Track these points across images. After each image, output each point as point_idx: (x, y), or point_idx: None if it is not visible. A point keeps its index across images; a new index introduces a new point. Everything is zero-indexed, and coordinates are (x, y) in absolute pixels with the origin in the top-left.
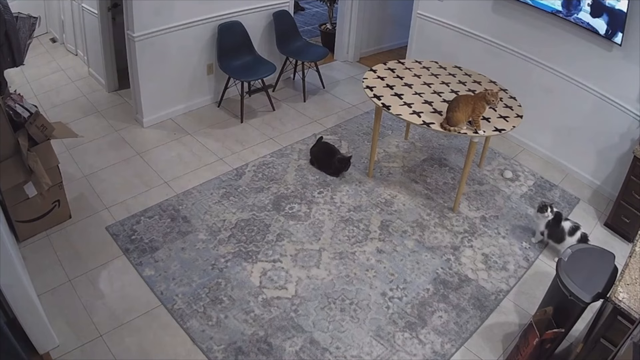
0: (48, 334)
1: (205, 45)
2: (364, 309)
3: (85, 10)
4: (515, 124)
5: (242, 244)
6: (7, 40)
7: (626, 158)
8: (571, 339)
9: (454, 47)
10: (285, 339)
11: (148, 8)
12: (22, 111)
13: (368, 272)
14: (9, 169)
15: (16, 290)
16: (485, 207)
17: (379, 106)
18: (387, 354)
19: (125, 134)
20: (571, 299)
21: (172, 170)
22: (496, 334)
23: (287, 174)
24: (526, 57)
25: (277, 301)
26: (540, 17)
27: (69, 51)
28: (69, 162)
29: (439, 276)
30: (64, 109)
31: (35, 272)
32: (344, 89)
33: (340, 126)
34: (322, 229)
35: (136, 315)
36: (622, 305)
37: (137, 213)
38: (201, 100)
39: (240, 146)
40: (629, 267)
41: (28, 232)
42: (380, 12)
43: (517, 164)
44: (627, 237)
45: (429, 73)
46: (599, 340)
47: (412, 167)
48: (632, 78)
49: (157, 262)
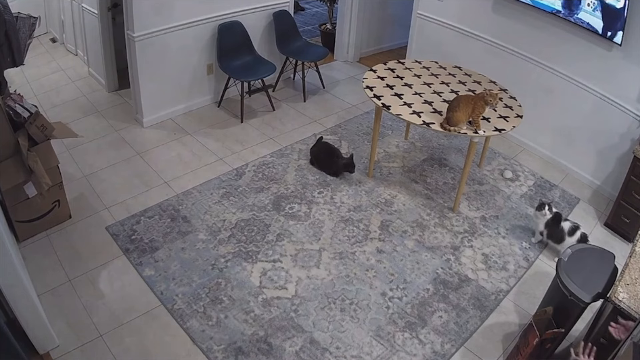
0: (48, 334)
1: (205, 45)
2: (364, 309)
3: (85, 10)
4: (515, 124)
5: (242, 244)
6: (7, 40)
7: (626, 158)
8: (571, 339)
9: (454, 47)
10: (285, 339)
11: (148, 8)
12: (22, 111)
13: (368, 272)
14: (9, 169)
15: (16, 290)
16: (485, 207)
17: (379, 106)
18: (387, 354)
19: (125, 134)
20: (571, 299)
21: (172, 170)
22: (496, 334)
23: (287, 174)
24: (526, 57)
25: (277, 301)
26: (540, 17)
27: (69, 51)
28: (69, 162)
29: (439, 276)
30: (64, 109)
31: (35, 272)
32: (344, 89)
33: (340, 126)
34: (322, 229)
35: (136, 315)
36: (622, 305)
37: (137, 213)
38: (201, 100)
39: (240, 146)
40: (629, 267)
41: (28, 232)
42: (380, 12)
43: (517, 164)
44: (627, 237)
45: (429, 73)
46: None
47: (412, 167)
48: (632, 78)
49: (157, 262)
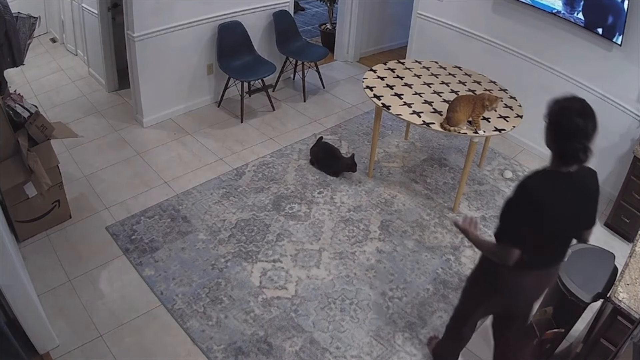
0: (48, 334)
1: (205, 45)
2: (363, 309)
3: (85, 10)
4: (515, 124)
5: (242, 244)
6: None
7: (626, 158)
8: (571, 339)
9: (454, 47)
10: (285, 339)
11: (148, 8)
12: (22, 111)
13: (368, 272)
14: (9, 169)
15: (16, 290)
16: (485, 207)
17: (379, 106)
18: (387, 354)
19: (125, 134)
20: (571, 299)
21: (172, 170)
22: None
23: (287, 174)
24: (526, 57)
25: (277, 301)
26: (540, 17)
27: (69, 51)
28: (69, 162)
29: (439, 276)
30: (64, 109)
31: (35, 272)
32: (344, 89)
33: (340, 126)
34: (322, 229)
35: (136, 315)
36: (622, 305)
37: (137, 213)
38: (201, 100)
39: (240, 146)
40: (629, 267)
41: (28, 232)
42: (380, 12)
43: (517, 164)
44: (627, 237)
45: (429, 73)
46: (599, 340)
47: (412, 167)
48: (632, 78)
49: (157, 262)
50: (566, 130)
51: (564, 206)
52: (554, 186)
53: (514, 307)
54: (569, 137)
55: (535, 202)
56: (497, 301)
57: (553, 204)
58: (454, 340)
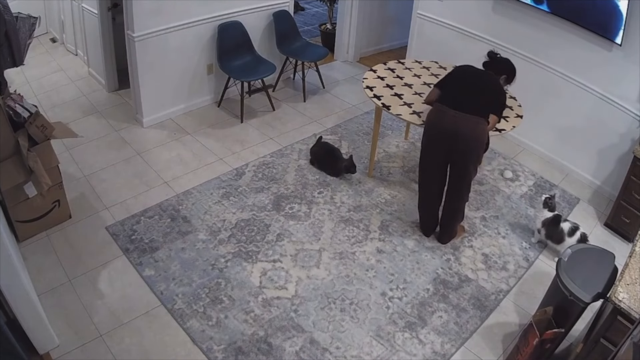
0: (48, 334)
1: (205, 45)
2: (364, 309)
3: (85, 10)
4: (515, 124)
5: (242, 244)
6: (7, 40)
7: (626, 158)
8: (571, 339)
9: (454, 47)
10: (285, 339)
11: (148, 8)
12: (22, 111)
13: (368, 272)
14: (9, 169)
15: (16, 290)
16: (485, 207)
17: (379, 106)
18: (387, 354)
19: (125, 134)
20: (571, 299)
21: (172, 170)
22: (496, 334)
23: (287, 174)
24: (526, 57)
25: (277, 301)
26: (540, 17)
27: (69, 51)
28: (69, 162)
29: (439, 276)
30: (64, 109)
31: (35, 272)
32: (344, 89)
33: (340, 126)
34: (322, 229)
35: (136, 315)
36: (622, 305)
37: (137, 213)
38: (201, 100)
39: (240, 146)
40: (629, 267)
41: (28, 232)
42: (380, 12)
43: (517, 164)
44: (627, 237)
45: (429, 73)
46: (599, 340)
47: (412, 167)
48: (632, 78)
49: (157, 262)
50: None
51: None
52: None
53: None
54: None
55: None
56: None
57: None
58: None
